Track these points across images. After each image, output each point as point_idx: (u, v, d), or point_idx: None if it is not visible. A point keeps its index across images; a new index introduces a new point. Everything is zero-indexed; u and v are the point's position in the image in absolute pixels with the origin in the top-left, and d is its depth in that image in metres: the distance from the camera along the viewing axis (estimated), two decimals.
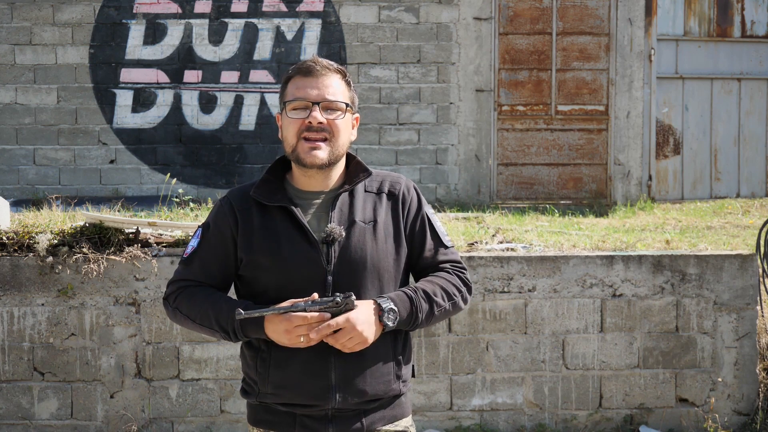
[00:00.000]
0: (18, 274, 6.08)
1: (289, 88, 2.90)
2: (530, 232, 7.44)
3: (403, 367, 2.94)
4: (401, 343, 2.94)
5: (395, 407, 2.95)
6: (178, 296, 2.93)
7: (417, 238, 2.96)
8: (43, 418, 6.14)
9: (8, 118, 9.98)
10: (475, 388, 6.27)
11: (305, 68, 2.89)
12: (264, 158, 10.12)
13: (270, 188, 2.91)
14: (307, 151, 2.84)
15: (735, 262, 6.35)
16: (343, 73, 2.92)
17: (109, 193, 9.94)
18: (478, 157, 10.25)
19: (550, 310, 6.27)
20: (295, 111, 2.87)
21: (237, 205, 2.92)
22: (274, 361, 2.86)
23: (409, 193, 2.97)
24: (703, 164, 11.21)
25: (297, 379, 2.83)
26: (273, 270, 2.84)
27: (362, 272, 2.84)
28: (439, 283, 2.92)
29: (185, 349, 6.17)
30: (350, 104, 2.91)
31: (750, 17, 11.23)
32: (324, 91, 2.86)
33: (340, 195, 2.90)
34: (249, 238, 2.88)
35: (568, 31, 10.32)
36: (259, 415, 2.94)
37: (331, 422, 2.86)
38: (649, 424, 6.33)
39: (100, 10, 9.99)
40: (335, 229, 2.83)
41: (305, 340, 2.74)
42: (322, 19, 10.09)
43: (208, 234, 2.94)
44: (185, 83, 10.08)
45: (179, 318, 2.94)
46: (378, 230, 2.88)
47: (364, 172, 2.95)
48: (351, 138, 2.95)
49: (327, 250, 2.83)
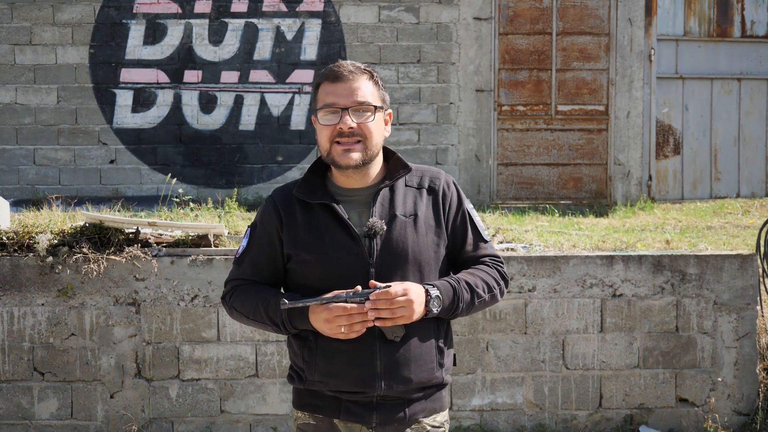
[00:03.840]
0: (18, 274, 6.08)
1: (319, 95, 2.99)
2: (530, 232, 7.44)
3: (445, 355, 3.03)
4: (443, 331, 3.04)
5: (436, 400, 3.05)
6: (232, 295, 3.07)
7: (458, 233, 3.06)
8: (43, 418, 6.14)
9: (8, 118, 9.98)
10: (475, 388, 6.27)
11: (333, 74, 2.97)
12: (264, 158, 10.12)
13: (312, 186, 3.02)
14: (341, 154, 2.94)
15: (735, 262, 6.35)
16: (371, 74, 3.00)
17: (109, 193, 9.94)
18: (478, 157, 10.25)
19: (550, 310, 6.27)
20: (326, 117, 2.96)
21: (281, 204, 3.04)
22: (321, 350, 2.95)
23: (450, 189, 3.07)
24: (703, 164, 11.21)
25: (343, 368, 2.93)
26: (317, 264, 2.94)
27: (404, 264, 2.94)
28: (481, 276, 3.03)
29: (185, 349, 6.17)
30: (380, 104, 3.00)
31: (750, 17, 11.23)
32: (353, 95, 2.94)
33: (381, 190, 3.01)
34: (294, 234, 2.99)
35: (568, 31, 10.32)
36: (305, 399, 3.03)
37: (376, 409, 2.96)
38: (649, 424, 6.33)
39: (100, 10, 9.99)
40: (376, 223, 2.93)
41: (346, 330, 2.84)
42: (322, 19, 10.09)
43: (256, 233, 3.07)
44: (185, 83, 10.07)
45: (236, 315, 3.08)
46: (419, 223, 2.98)
47: (404, 168, 3.04)
48: (385, 135, 3.04)
49: (369, 244, 2.94)
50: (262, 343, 6.18)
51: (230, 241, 6.44)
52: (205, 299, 6.15)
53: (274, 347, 6.19)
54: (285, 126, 10.13)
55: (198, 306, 6.15)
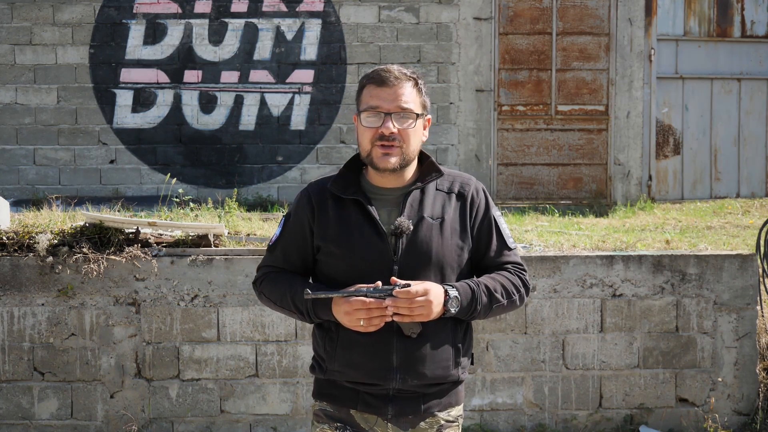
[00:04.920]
0: (18, 274, 6.08)
1: (363, 96, 3.08)
2: (530, 232, 7.44)
3: (462, 354, 3.12)
4: (462, 331, 3.12)
5: (452, 395, 3.14)
6: (263, 281, 3.20)
7: (483, 239, 3.15)
8: (43, 418, 6.14)
9: (8, 118, 9.98)
10: (475, 388, 6.27)
11: (379, 78, 3.06)
12: (264, 158, 10.12)
13: (346, 182, 3.13)
14: (380, 157, 3.04)
15: (735, 262, 6.35)
16: (415, 81, 3.09)
17: (109, 193, 9.94)
18: (478, 157, 10.25)
19: (550, 310, 6.27)
20: (369, 119, 3.05)
21: (315, 197, 3.14)
22: (341, 341, 3.06)
23: (478, 195, 3.16)
24: (703, 164, 11.21)
25: (361, 359, 3.03)
26: (343, 257, 3.05)
27: (426, 265, 3.04)
28: (501, 281, 3.12)
29: (185, 349, 6.17)
30: (421, 111, 3.09)
31: (750, 17, 11.23)
32: (397, 101, 3.04)
33: (412, 192, 3.10)
34: (324, 227, 3.10)
35: (568, 31, 10.32)
36: (324, 389, 3.15)
37: (392, 401, 3.06)
38: (649, 424, 6.33)
39: (100, 10, 9.99)
40: (403, 223, 3.02)
41: (365, 323, 2.95)
42: (322, 19, 10.09)
43: (289, 223, 3.18)
44: (185, 83, 10.07)
45: (264, 300, 3.21)
46: (445, 227, 3.07)
47: (436, 172, 3.14)
48: (423, 139, 3.13)
49: (395, 242, 3.04)
50: (262, 343, 6.18)
51: (230, 241, 6.44)
52: (205, 299, 6.15)
53: (274, 347, 6.19)
54: (285, 126, 10.13)
55: (198, 306, 6.15)
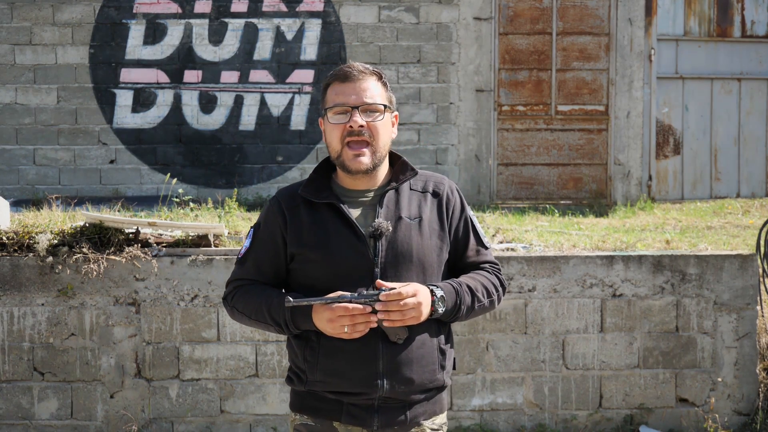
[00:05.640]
0: (18, 274, 6.08)
1: (328, 95, 3.04)
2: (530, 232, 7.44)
3: (446, 357, 3.06)
4: (444, 333, 3.06)
5: (436, 402, 3.07)
6: (234, 295, 3.08)
7: (461, 238, 3.11)
8: (43, 418, 6.14)
9: (8, 118, 9.98)
10: (475, 388, 6.27)
11: (342, 74, 3.02)
12: (264, 158, 10.12)
13: (317, 186, 3.06)
14: (352, 159, 2.99)
15: (735, 262, 6.35)
16: (379, 75, 3.06)
17: (109, 193, 9.94)
18: (478, 157, 10.25)
19: (550, 310, 6.27)
20: (336, 116, 3.00)
21: (285, 204, 3.06)
22: (324, 349, 2.96)
23: (453, 195, 3.12)
24: (703, 164, 11.21)
25: (346, 367, 2.94)
26: (322, 263, 2.97)
27: (408, 265, 2.98)
28: (481, 281, 3.07)
29: (185, 349, 6.17)
30: (388, 104, 3.05)
31: (750, 17, 11.23)
32: (362, 94, 2.99)
33: (387, 192, 3.04)
34: (299, 233, 3.01)
35: (568, 31, 10.32)
36: (305, 401, 3.04)
37: (377, 412, 2.97)
38: (649, 424, 6.33)
39: (100, 10, 9.99)
40: (382, 224, 2.96)
41: (349, 330, 2.87)
42: (322, 19, 10.09)
43: (259, 233, 3.09)
44: (185, 83, 10.07)
45: (237, 316, 3.08)
46: (423, 226, 3.02)
47: (410, 171, 3.09)
48: (392, 136, 3.09)
49: (374, 244, 2.97)
50: (262, 343, 6.18)
51: (230, 241, 6.44)
52: (205, 299, 6.15)
53: (274, 347, 6.19)
54: (285, 126, 10.13)
55: (198, 306, 6.15)
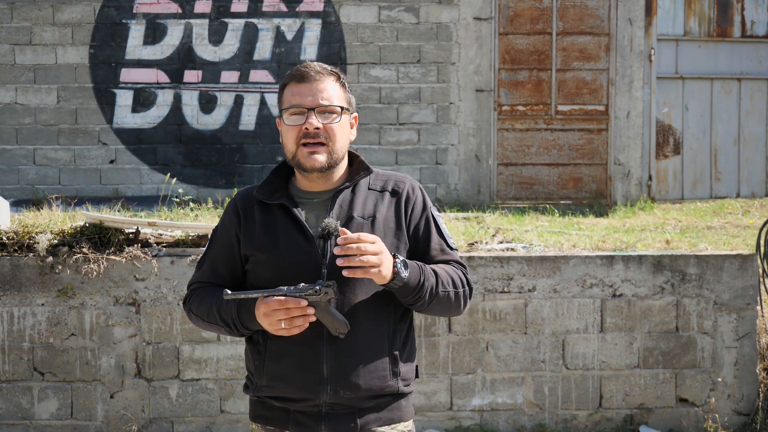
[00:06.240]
0: (18, 274, 6.08)
1: (285, 95, 2.96)
2: (530, 232, 7.44)
3: (401, 364, 2.93)
4: (400, 339, 2.94)
5: (393, 409, 2.94)
6: (191, 298, 3.03)
7: (422, 237, 2.98)
8: (43, 418, 6.14)
9: (8, 118, 9.98)
10: (475, 388, 6.27)
11: (299, 74, 2.94)
12: (264, 158, 10.12)
13: (272, 188, 2.99)
14: (306, 156, 2.91)
15: (735, 262, 6.35)
16: (337, 75, 2.97)
17: (109, 193, 9.94)
18: (478, 157, 10.26)
19: (550, 310, 6.27)
20: (291, 117, 2.93)
21: (241, 204, 3.01)
22: (269, 353, 2.90)
23: (414, 193, 3.00)
24: (703, 164, 11.21)
25: (289, 372, 2.87)
26: (270, 264, 2.90)
27: None
28: (446, 270, 2.94)
29: (185, 349, 6.17)
30: (346, 106, 2.97)
31: (750, 17, 11.23)
32: (318, 96, 2.91)
33: (341, 192, 2.96)
34: (251, 235, 2.95)
35: (568, 31, 10.32)
36: (257, 410, 2.98)
37: (325, 419, 2.87)
38: (649, 424, 6.33)
39: (100, 10, 9.99)
40: (330, 223, 2.86)
41: (286, 325, 2.78)
42: (322, 19, 10.09)
43: (217, 235, 3.05)
44: (185, 83, 10.08)
45: (194, 319, 3.04)
46: (377, 226, 2.92)
47: (365, 170, 3.01)
48: (350, 138, 3.01)
49: (323, 245, 2.88)
50: None
51: None
52: None
53: None
54: None
55: None
